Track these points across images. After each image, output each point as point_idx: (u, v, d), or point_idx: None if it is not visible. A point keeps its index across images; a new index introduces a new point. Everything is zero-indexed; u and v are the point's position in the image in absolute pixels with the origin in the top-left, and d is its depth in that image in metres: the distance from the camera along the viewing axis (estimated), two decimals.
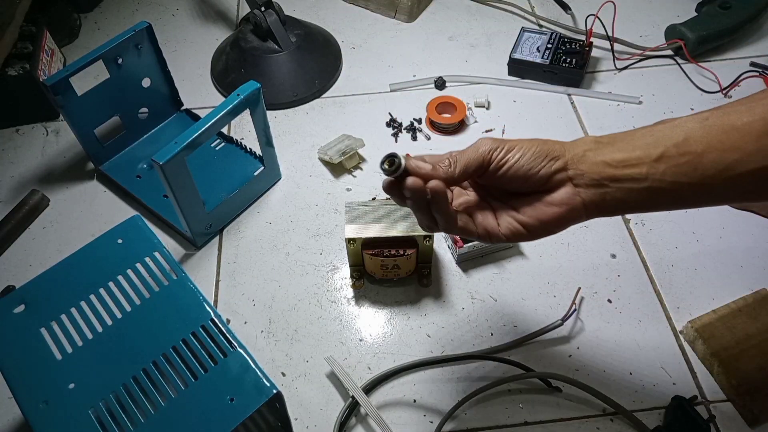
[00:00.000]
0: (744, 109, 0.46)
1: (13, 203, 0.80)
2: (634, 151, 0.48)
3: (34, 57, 0.87)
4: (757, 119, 0.45)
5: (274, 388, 0.50)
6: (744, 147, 0.45)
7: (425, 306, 0.70)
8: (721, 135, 0.46)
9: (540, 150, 0.49)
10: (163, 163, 0.63)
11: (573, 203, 0.49)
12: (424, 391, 0.64)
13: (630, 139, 0.49)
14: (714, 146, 0.46)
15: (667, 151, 0.47)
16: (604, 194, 0.49)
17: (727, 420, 0.61)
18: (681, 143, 0.47)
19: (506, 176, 0.50)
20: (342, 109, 0.91)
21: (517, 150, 0.49)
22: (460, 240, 0.70)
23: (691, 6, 1.00)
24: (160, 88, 0.85)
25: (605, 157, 0.49)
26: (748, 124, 0.45)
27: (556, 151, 0.49)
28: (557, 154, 0.49)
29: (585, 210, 0.49)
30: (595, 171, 0.49)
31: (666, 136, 0.48)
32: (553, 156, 0.49)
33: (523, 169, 0.49)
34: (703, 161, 0.46)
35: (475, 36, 1.01)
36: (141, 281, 0.57)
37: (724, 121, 0.46)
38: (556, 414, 0.62)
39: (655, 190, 0.47)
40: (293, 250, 0.76)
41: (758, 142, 0.45)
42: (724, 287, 0.69)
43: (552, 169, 0.49)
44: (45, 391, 0.50)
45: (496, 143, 0.49)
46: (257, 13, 0.91)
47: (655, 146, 0.48)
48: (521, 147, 0.49)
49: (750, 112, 0.46)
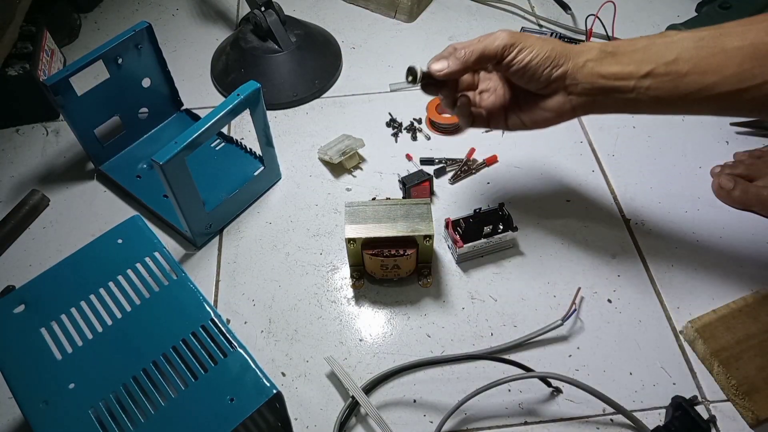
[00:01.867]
0: (738, 31, 0.51)
1: (13, 203, 0.80)
2: (629, 65, 0.54)
3: (34, 57, 0.87)
4: (747, 44, 0.49)
5: (274, 388, 0.50)
6: (724, 70, 0.50)
7: (425, 306, 0.70)
8: (709, 57, 0.51)
9: (548, 55, 0.55)
10: (163, 163, 0.63)
11: (563, 110, 0.58)
12: (424, 391, 0.64)
13: (630, 51, 0.54)
14: (699, 67, 0.51)
15: (656, 69, 0.52)
16: (593, 102, 0.56)
17: (727, 420, 0.61)
18: (671, 62, 0.52)
19: (514, 73, 0.57)
20: (342, 109, 0.91)
21: (528, 52, 0.56)
22: (460, 240, 0.70)
23: (691, 6, 1.00)
24: (160, 88, 0.85)
25: (602, 70, 0.55)
26: (737, 48, 0.50)
27: (562, 58, 0.56)
28: (561, 62, 0.56)
29: (573, 113, 0.58)
30: (588, 81, 0.55)
31: (659, 54, 0.52)
32: (557, 63, 0.56)
33: (529, 71, 0.56)
34: (685, 80, 0.52)
35: (475, 36, 1.00)
36: (141, 281, 0.57)
37: (716, 43, 0.51)
38: (556, 414, 0.62)
39: (637, 101, 0.54)
40: (293, 250, 0.76)
41: (739, 67, 0.50)
42: (724, 287, 0.69)
43: (552, 76, 0.56)
44: (45, 391, 0.50)
45: (512, 39, 0.56)
46: (257, 13, 0.91)
47: (647, 62, 0.53)
48: (533, 48, 0.55)
49: (742, 37, 0.50)
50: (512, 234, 0.72)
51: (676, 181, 0.80)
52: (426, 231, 0.66)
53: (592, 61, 0.55)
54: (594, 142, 0.85)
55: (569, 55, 0.55)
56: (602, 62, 0.55)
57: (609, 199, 0.79)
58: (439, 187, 0.80)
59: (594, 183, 0.80)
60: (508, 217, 0.72)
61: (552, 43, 0.56)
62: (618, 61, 0.54)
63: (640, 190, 0.79)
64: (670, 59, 0.52)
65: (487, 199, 0.79)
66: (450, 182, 0.81)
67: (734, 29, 0.51)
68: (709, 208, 0.77)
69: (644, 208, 0.77)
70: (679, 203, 0.77)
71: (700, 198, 0.78)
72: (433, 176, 0.80)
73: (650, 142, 0.84)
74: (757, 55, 0.49)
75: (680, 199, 0.78)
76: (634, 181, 0.80)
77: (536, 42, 0.56)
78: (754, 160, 0.77)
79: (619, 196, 0.79)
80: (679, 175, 0.80)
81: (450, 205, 0.79)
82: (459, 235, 0.71)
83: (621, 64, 0.54)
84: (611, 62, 0.54)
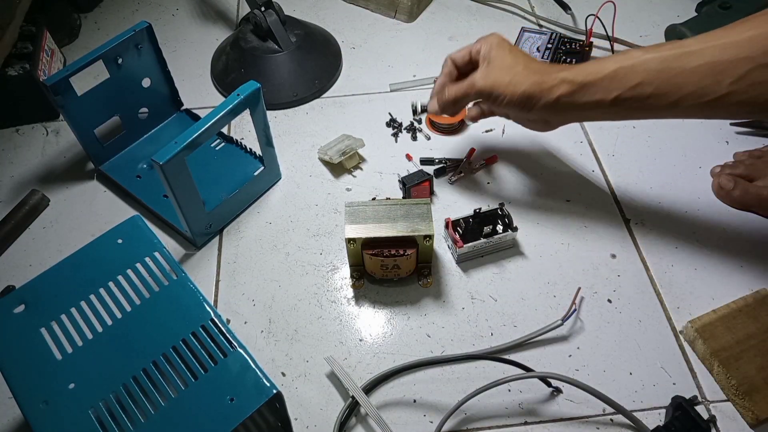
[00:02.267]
0: (698, 50, 0.55)
1: (13, 203, 0.80)
2: (597, 94, 0.59)
3: (34, 57, 0.87)
4: (704, 63, 0.54)
5: (274, 388, 0.50)
6: (684, 89, 0.55)
7: (425, 306, 0.70)
8: (671, 78, 0.55)
9: (520, 99, 0.63)
10: (163, 163, 0.63)
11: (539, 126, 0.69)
12: (424, 391, 0.64)
13: (599, 80, 0.59)
14: (661, 89, 0.56)
15: (622, 94, 0.58)
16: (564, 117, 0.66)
17: (727, 420, 0.61)
18: (635, 86, 0.57)
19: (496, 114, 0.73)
20: (342, 109, 0.91)
21: (501, 100, 0.64)
22: (460, 240, 0.70)
23: (691, 6, 1.00)
24: (160, 88, 0.85)
25: (573, 101, 0.61)
26: (695, 67, 0.54)
27: (534, 99, 0.62)
28: (534, 102, 0.62)
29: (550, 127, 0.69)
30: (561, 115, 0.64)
31: (625, 79, 0.57)
32: (531, 105, 0.63)
33: (505, 115, 0.71)
34: (649, 101, 0.57)
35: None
36: (141, 281, 0.57)
37: (677, 64, 0.55)
38: (556, 414, 0.62)
39: (606, 116, 0.63)
40: (293, 250, 0.76)
41: (697, 85, 0.54)
42: (724, 287, 0.69)
43: (528, 117, 0.67)
44: (45, 391, 0.50)
45: (487, 86, 0.65)
46: (257, 13, 0.91)
47: (614, 89, 0.58)
48: (505, 96, 0.64)
49: (700, 55, 0.54)
50: (512, 234, 0.72)
51: (676, 181, 0.80)
52: (426, 231, 0.66)
53: (564, 96, 0.61)
54: (594, 142, 0.85)
55: (542, 94, 0.61)
56: (573, 96, 0.60)
57: (609, 199, 0.79)
58: (439, 187, 0.80)
59: (594, 183, 0.80)
60: (508, 217, 0.72)
61: (525, 82, 0.62)
62: (587, 91, 0.59)
63: (640, 190, 0.79)
64: (634, 83, 0.57)
65: (487, 199, 0.79)
66: (450, 182, 0.81)
67: (695, 47, 0.55)
68: (709, 208, 0.77)
69: (644, 208, 0.77)
70: (679, 203, 0.77)
71: (700, 198, 0.78)
72: (433, 176, 0.80)
73: (650, 142, 0.84)
74: (713, 72, 0.54)
75: (680, 199, 0.78)
76: (634, 181, 0.80)
77: (508, 87, 0.63)
78: (754, 160, 0.77)
79: (619, 196, 0.79)
80: (679, 175, 0.80)
81: (450, 205, 0.79)
82: (459, 235, 0.71)
83: (590, 95, 0.59)
84: (581, 94, 0.60)
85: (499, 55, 0.64)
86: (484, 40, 0.67)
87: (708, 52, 0.54)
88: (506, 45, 0.66)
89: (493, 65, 0.65)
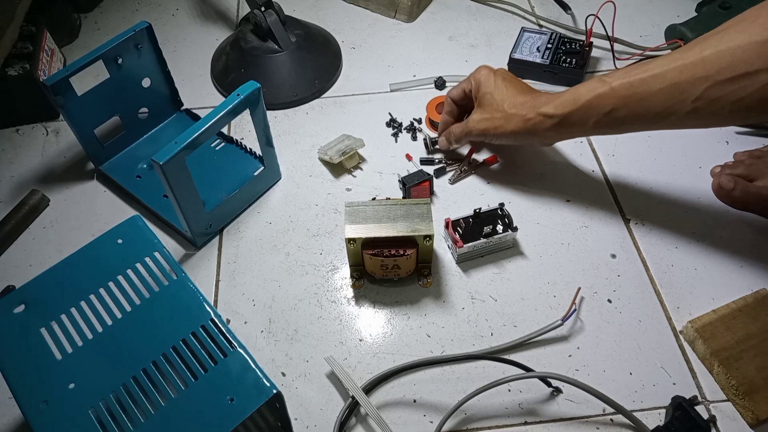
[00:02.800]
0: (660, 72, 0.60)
1: (13, 203, 0.80)
2: (576, 123, 0.67)
3: (34, 57, 0.87)
4: (666, 86, 0.59)
5: (274, 388, 0.50)
6: (652, 109, 0.61)
7: (425, 306, 0.70)
8: (638, 102, 0.61)
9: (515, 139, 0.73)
10: (163, 163, 0.63)
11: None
12: (424, 391, 0.64)
13: (576, 110, 0.66)
14: (631, 111, 0.62)
15: (598, 120, 0.65)
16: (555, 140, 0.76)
17: (727, 420, 0.61)
18: (608, 113, 0.64)
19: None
20: (342, 109, 0.91)
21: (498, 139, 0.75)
22: (460, 240, 0.70)
23: (691, 6, 1.00)
24: (160, 88, 0.85)
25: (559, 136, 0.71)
26: (660, 90, 0.60)
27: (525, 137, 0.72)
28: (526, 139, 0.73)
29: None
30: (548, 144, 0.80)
31: (599, 107, 0.64)
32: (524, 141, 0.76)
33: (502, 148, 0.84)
34: (626, 121, 0.64)
35: (475, 36, 1.01)
36: (141, 281, 0.57)
37: (643, 89, 0.61)
38: (556, 414, 0.62)
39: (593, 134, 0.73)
40: (293, 250, 0.76)
41: (664, 104, 0.60)
42: (724, 287, 0.69)
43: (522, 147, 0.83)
44: (45, 391, 0.50)
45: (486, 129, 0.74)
46: (257, 13, 0.91)
47: (591, 117, 0.65)
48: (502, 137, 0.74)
49: (662, 78, 0.59)
50: (512, 234, 0.72)
51: (676, 181, 0.80)
52: (426, 231, 0.66)
53: (548, 130, 0.69)
54: (594, 142, 0.85)
55: (528, 130, 0.70)
56: (556, 128, 0.68)
57: (609, 199, 0.79)
58: (439, 187, 0.80)
59: (594, 183, 0.80)
60: (508, 217, 0.72)
61: (511, 122, 0.71)
62: (567, 122, 0.67)
63: (640, 190, 0.79)
64: (608, 110, 0.64)
65: (487, 199, 0.79)
66: (450, 182, 0.81)
67: (657, 70, 0.60)
68: (709, 208, 0.77)
69: (644, 208, 0.77)
70: (679, 203, 0.77)
71: (700, 198, 0.78)
72: (433, 176, 0.80)
73: (650, 142, 0.84)
74: (676, 92, 0.59)
75: (680, 199, 0.78)
76: (634, 181, 0.80)
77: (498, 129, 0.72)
78: (754, 160, 0.77)
79: (619, 196, 0.79)
80: (679, 175, 0.80)
81: (450, 205, 0.79)
82: (459, 235, 0.71)
83: (570, 125, 0.67)
84: (562, 126, 0.68)
85: (487, 95, 0.73)
86: (473, 77, 0.75)
87: (669, 75, 0.59)
88: (491, 80, 0.73)
89: (483, 107, 0.73)
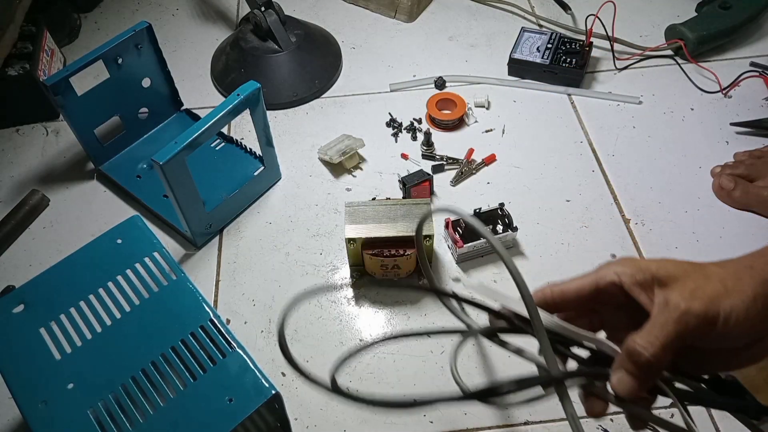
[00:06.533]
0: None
1: (13, 203, 0.80)
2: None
3: (34, 57, 0.87)
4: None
5: (272, 389, 0.50)
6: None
7: (425, 306, 0.70)
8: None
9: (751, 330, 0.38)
10: (163, 163, 0.63)
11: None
12: (425, 392, 0.63)
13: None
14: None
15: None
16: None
17: (728, 420, 0.60)
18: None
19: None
20: (342, 109, 0.91)
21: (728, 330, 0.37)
22: (460, 240, 0.70)
23: (691, 6, 1.00)
24: (160, 88, 0.85)
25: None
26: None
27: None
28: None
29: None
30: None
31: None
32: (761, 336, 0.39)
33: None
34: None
35: (475, 36, 1.01)
36: (140, 281, 0.57)
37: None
38: (556, 414, 0.61)
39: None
40: (293, 250, 0.76)
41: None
42: None
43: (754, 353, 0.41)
44: (44, 391, 0.50)
45: (709, 310, 0.36)
46: (257, 13, 0.91)
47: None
48: (733, 328, 0.37)
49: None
50: (512, 234, 0.71)
51: (676, 181, 0.79)
52: (426, 231, 0.66)
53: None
54: (594, 142, 0.85)
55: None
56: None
57: (609, 199, 0.79)
58: (439, 187, 0.80)
59: (594, 183, 0.80)
60: (508, 217, 0.72)
61: (745, 280, 0.37)
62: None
63: (640, 190, 0.79)
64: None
65: (487, 199, 0.79)
66: (451, 184, 0.81)
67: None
68: (709, 208, 0.77)
69: (644, 208, 0.77)
70: (679, 203, 0.77)
71: (700, 198, 0.78)
72: (432, 174, 0.80)
73: (650, 142, 0.84)
74: None
75: (680, 199, 0.78)
76: (634, 181, 0.80)
77: (731, 295, 0.37)
78: (755, 160, 0.77)
79: (619, 196, 0.79)
80: (679, 175, 0.80)
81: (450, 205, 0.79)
82: (459, 235, 0.71)
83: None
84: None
85: (673, 267, 0.39)
86: (626, 264, 0.40)
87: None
88: (667, 260, 0.40)
89: (684, 279, 0.38)
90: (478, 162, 0.82)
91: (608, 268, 0.40)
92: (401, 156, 0.84)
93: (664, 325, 0.36)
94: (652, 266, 0.39)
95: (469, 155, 0.83)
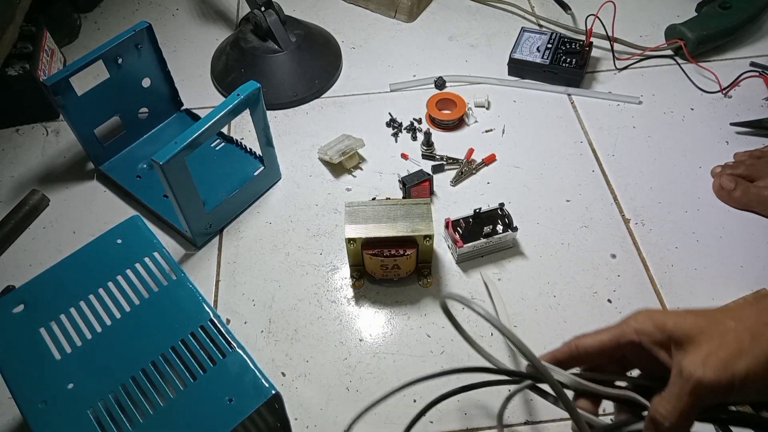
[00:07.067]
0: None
1: (13, 203, 0.80)
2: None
3: (34, 57, 0.87)
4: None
5: (272, 389, 0.50)
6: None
7: (425, 306, 0.70)
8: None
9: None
10: (163, 163, 0.63)
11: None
12: (425, 392, 0.63)
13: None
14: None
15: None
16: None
17: None
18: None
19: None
20: (342, 109, 0.91)
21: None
22: (460, 240, 0.70)
23: (691, 6, 1.00)
24: (160, 88, 0.85)
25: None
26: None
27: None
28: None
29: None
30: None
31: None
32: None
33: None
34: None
35: (475, 36, 1.01)
36: (140, 281, 0.57)
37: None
38: (556, 414, 0.61)
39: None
40: (293, 250, 0.76)
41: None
42: (724, 287, 0.69)
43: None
44: (44, 391, 0.50)
45: (713, 367, 0.37)
46: (257, 13, 0.91)
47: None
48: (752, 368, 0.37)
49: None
50: (512, 234, 0.71)
51: (676, 181, 0.79)
52: (426, 231, 0.66)
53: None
54: (594, 142, 0.85)
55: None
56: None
57: (609, 199, 0.79)
58: (439, 187, 0.80)
59: (594, 183, 0.80)
60: (508, 217, 0.72)
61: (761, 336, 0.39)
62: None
63: (640, 190, 0.79)
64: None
65: (487, 199, 0.79)
66: (452, 184, 0.81)
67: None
68: (709, 208, 0.77)
69: (644, 208, 0.77)
70: (679, 203, 0.77)
71: (700, 198, 0.78)
72: (432, 174, 0.80)
73: (650, 142, 0.84)
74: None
75: (680, 199, 0.78)
76: (634, 181, 0.80)
77: (747, 357, 0.38)
78: (755, 160, 0.77)
79: (619, 196, 0.79)
80: (679, 175, 0.80)
81: (450, 205, 0.79)
82: (459, 235, 0.71)
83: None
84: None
85: (690, 324, 0.41)
86: (645, 322, 0.42)
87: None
88: (686, 313, 0.43)
89: (699, 341, 0.40)
90: (478, 162, 0.82)
91: (628, 325, 0.43)
92: (401, 156, 0.84)
93: (680, 396, 0.38)
94: (668, 323, 0.41)
95: (469, 155, 0.83)
